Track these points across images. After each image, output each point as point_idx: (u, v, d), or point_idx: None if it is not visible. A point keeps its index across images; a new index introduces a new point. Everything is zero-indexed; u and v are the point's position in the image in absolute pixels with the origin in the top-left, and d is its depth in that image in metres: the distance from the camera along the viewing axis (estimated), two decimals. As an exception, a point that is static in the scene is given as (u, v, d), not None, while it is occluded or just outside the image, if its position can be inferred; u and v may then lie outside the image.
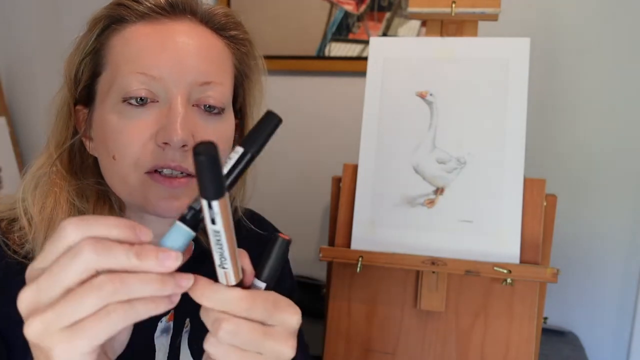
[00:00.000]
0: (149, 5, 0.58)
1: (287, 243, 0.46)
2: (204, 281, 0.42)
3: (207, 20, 0.61)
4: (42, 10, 1.74)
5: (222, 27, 0.62)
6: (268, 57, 0.68)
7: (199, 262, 0.69)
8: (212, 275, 0.67)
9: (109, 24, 0.59)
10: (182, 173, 0.58)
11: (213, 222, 0.37)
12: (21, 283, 0.57)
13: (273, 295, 0.44)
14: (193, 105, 0.58)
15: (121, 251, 0.37)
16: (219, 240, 0.39)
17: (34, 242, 0.58)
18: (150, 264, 0.38)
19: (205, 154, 0.33)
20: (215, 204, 0.36)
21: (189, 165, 0.57)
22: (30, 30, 1.74)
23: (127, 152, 0.56)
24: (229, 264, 0.41)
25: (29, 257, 0.58)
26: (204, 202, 0.36)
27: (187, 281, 0.40)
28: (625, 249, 1.39)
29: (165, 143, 0.55)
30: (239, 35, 0.64)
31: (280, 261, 0.46)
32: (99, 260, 0.37)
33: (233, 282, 0.42)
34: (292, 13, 1.52)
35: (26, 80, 1.75)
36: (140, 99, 0.56)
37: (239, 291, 0.42)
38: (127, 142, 0.56)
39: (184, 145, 0.56)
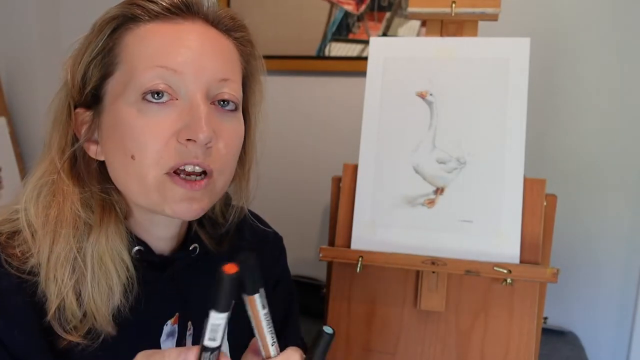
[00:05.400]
0: (165, 5, 0.58)
1: (331, 337, 0.51)
2: None
3: (217, 22, 0.62)
4: (42, 10, 1.74)
5: (230, 29, 0.63)
6: (268, 57, 0.69)
7: (205, 260, 0.69)
8: (212, 277, 0.69)
9: (122, 23, 0.58)
10: (201, 175, 0.58)
11: (264, 306, 0.47)
12: (23, 303, 0.57)
13: None
14: (211, 103, 0.59)
15: None
16: (269, 320, 0.48)
17: (39, 255, 0.56)
18: None
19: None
20: (261, 292, 0.46)
21: (211, 162, 0.58)
22: (31, 30, 1.74)
23: (148, 150, 0.56)
24: (275, 337, 0.50)
25: (33, 273, 0.56)
26: (261, 291, 0.46)
27: None
28: (624, 249, 1.38)
29: (189, 139, 0.56)
30: (244, 36, 0.65)
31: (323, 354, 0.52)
32: None
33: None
34: (292, 13, 1.52)
35: (26, 80, 1.75)
36: (159, 93, 0.56)
37: None
38: (149, 140, 0.56)
39: (207, 143, 0.56)
